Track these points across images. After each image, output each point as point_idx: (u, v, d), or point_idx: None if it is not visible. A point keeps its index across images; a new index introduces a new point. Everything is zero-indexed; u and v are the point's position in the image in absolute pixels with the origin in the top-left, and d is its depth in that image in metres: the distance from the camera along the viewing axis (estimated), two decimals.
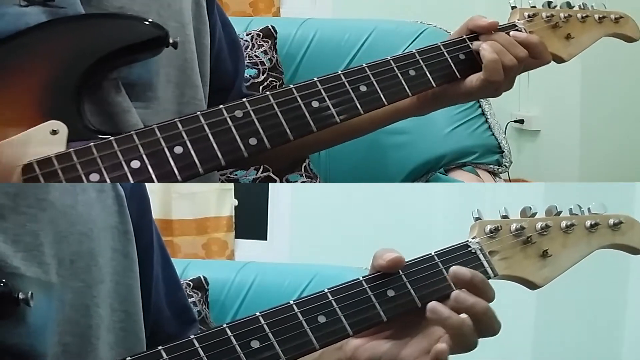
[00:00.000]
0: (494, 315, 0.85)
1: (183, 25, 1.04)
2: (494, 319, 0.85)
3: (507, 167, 2.04)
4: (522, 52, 1.07)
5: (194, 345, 0.76)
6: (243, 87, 1.25)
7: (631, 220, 1.03)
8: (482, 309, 0.84)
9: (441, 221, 2.70)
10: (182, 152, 0.85)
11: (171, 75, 1.03)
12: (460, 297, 0.84)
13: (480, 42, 1.07)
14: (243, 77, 1.26)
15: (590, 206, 1.01)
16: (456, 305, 0.84)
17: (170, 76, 1.03)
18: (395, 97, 1.01)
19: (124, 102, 0.95)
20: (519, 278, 0.94)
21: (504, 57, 1.06)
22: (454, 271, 0.86)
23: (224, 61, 1.19)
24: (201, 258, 2.87)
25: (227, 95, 1.19)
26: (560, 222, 0.98)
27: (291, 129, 0.92)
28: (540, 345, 2.70)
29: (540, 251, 0.95)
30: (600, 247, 1.00)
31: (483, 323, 0.84)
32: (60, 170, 0.79)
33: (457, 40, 1.09)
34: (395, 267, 0.87)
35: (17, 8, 0.88)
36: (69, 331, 0.80)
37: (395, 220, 2.79)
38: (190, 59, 1.06)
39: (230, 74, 1.22)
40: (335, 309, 0.83)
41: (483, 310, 0.84)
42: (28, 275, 0.77)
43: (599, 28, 1.20)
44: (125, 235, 0.89)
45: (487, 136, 2.04)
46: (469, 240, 0.93)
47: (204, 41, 1.10)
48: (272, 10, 3.30)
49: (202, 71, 1.10)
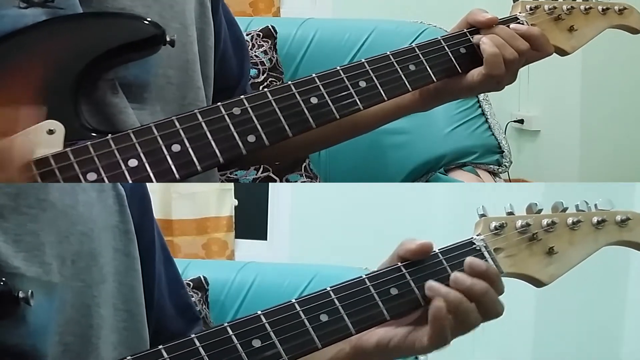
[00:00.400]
0: (494, 296, 0.85)
1: (185, 27, 1.04)
2: (495, 301, 0.85)
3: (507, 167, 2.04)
4: (523, 44, 1.06)
5: (195, 344, 0.76)
6: (248, 87, 1.25)
7: (638, 217, 1.01)
8: (481, 289, 0.85)
9: (441, 221, 2.69)
10: (180, 150, 0.84)
11: (172, 77, 1.02)
12: (460, 279, 0.85)
13: (480, 36, 1.06)
14: (248, 77, 1.25)
15: (597, 202, 1.00)
16: (455, 287, 0.84)
17: (170, 78, 1.02)
18: (395, 92, 1.00)
19: (121, 103, 0.95)
20: (525, 275, 0.92)
21: (505, 51, 1.05)
22: (469, 262, 0.87)
23: (228, 60, 1.19)
24: (201, 258, 2.87)
25: (231, 94, 1.18)
26: (567, 219, 0.96)
27: (290, 126, 0.91)
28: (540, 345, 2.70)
29: (546, 248, 0.94)
30: (608, 244, 0.99)
31: (484, 304, 0.84)
32: (58, 170, 0.79)
33: (457, 34, 1.07)
34: (425, 253, 0.88)
35: (16, 10, 0.88)
36: (69, 331, 0.80)
37: (395, 220, 2.79)
38: (192, 61, 1.06)
39: (235, 73, 1.21)
40: (337, 307, 0.83)
41: (482, 291, 0.84)
42: (29, 275, 0.77)
43: (603, 20, 1.17)
44: (127, 235, 0.88)
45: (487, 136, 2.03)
46: (474, 237, 0.92)
47: (208, 42, 1.10)
48: (272, 10, 3.30)
49: (206, 72, 1.09)
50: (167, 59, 1.01)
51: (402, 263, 0.88)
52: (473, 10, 1.09)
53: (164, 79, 1.01)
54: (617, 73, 3.11)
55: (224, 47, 1.17)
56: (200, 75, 1.07)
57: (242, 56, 1.23)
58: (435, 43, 1.05)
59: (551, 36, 1.12)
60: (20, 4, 0.88)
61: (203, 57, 1.09)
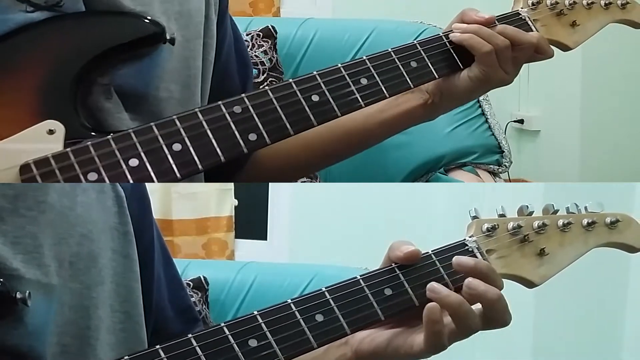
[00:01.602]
0: (506, 305, 0.85)
1: (188, 40, 1.02)
2: (506, 309, 0.85)
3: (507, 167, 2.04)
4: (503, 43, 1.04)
5: (192, 344, 0.76)
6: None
7: (628, 219, 1.02)
8: (494, 296, 0.84)
9: (441, 221, 2.69)
10: (181, 149, 0.84)
11: (173, 92, 1.01)
12: (473, 284, 0.85)
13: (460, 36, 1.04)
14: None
15: (587, 205, 1.01)
16: (469, 292, 0.84)
17: (172, 92, 1.00)
18: (397, 88, 0.99)
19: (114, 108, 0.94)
20: (516, 276, 0.93)
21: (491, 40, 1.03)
22: (456, 260, 0.88)
23: (231, 77, 1.16)
24: (201, 258, 2.87)
25: None
26: (557, 221, 0.97)
27: (291, 123, 0.90)
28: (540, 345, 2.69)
29: (538, 249, 0.95)
30: (597, 246, 1.00)
31: (494, 311, 0.85)
32: (58, 170, 0.78)
33: None
34: (412, 260, 0.88)
35: (23, 14, 0.87)
36: (68, 332, 0.80)
37: (395, 220, 2.79)
38: (195, 76, 1.04)
39: (237, 91, 1.19)
40: (332, 307, 0.83)
41: (495, 298, 0.84)
42: (27, 277, 0.77)
43: (606, 14, 1.16)
44: (126, 236, 0.88)
45: (487, 136, 2.04)
46: (466, 239, 0.93)
47: (209, 57, 1.07)
48: (272, 10, 3.30)
49: (204, 87, 1.07)
50: (169, 74, 0.99)
51: (396, 265, 0.89)
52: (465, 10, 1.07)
53: (165, 92, 0.99)
54: (617, 73, 3.11)
55: (227, 62, 1.14)
56: (200, 90, 1.05)
57: (246, 75, 1.20)
58: (437, 39, 1.04)
59: (553, 31, 1.11)
60: (27, 8, 0.88)
61: (203, 71, 1.07)
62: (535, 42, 1.06)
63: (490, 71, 1.03)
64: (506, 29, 1.05)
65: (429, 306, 0.83)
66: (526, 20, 1.10)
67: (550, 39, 1.10)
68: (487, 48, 1.02)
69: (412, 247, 0.88)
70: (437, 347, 0.84)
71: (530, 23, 1.10)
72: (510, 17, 1.09)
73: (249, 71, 1.23)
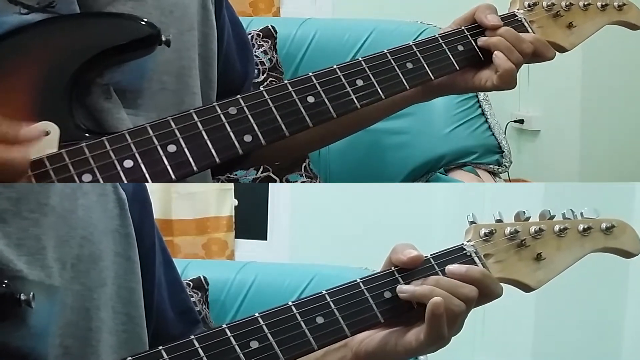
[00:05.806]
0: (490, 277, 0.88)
1: (181, 33, 1.02)
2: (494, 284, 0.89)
3: (507, 167, 2.04)
4: (528, 47, 1.06)
5: (194, 345, 0.77)
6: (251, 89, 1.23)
7: (623, 225, 1.03)
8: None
9: (441, 221, 2.69)
10: (176, 150, 0.84)
11: (166, 83, 1.01)
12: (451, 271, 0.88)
13: (488, 40, 1.06)
14: (252, 79, 1.24)
15: (583, 211, 1.02)
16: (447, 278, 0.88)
17: (165, 83, 1.01)
18: (393, 90, 1.00)
19: (114, 108, 0.94)
20: (513, 280, 0.95)
21: (512, 56, 1.05)
22: (449, 269, 0.89)
23: (232, 63, 1.17)
24: (201, 258, 2.87)
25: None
26: (554, 226, 0.99)
27: (286, 125, 0.91)
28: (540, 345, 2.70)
29: (534, 254, 0.96)
30: (593, 251, 1.01)
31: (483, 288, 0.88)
32: (52, 171, 0.79)
33: (455, 32, 1.07)
34: (415, 265, 0.90)
35: (17, 16, 0.87)
36: (69, 334, 0.81)
37: (395, 220, 2.79)
38: (188, 67, 1.04)
39: (239, 75, 1.20)
40: (333, 310, 0.84)
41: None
42: (31, 278, 0.77)
43: (602, 16, 1.16)
44: (127, 239, 0.89)
45: (487, 136, 2.04)
46: (464, 244, 0.94)
47: (211, 46, 1.08)
48: (272, 10, 3.29)
49: (210, 76, 1.08)
50: (162, 65, 1.00)
51: (396, 268, 0.90)
52: (480, 6, 1.07)
53: (158, 84, 1.00)
54: (617, 73, 3.10)
55: (228, 48, 1.16)
56: (197, 81, 1.06)
57: (247, 58, 1.21)
58: (433, 41, 1.05)
59: (550, 33, 1.11)
60: (21, 10, 0.88)
61: (207, 61, 1.08)
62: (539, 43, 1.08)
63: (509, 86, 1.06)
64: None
65: (434, 300, 0.84)
66: (522, 21, 1.10)
67: (547, 40, 1.10)
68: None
69: (415, 251, 0.90)
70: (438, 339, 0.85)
71: (527, 24, 1.10)
72: (506, 18, 1.09)
73: (249, 54, 1.24)
